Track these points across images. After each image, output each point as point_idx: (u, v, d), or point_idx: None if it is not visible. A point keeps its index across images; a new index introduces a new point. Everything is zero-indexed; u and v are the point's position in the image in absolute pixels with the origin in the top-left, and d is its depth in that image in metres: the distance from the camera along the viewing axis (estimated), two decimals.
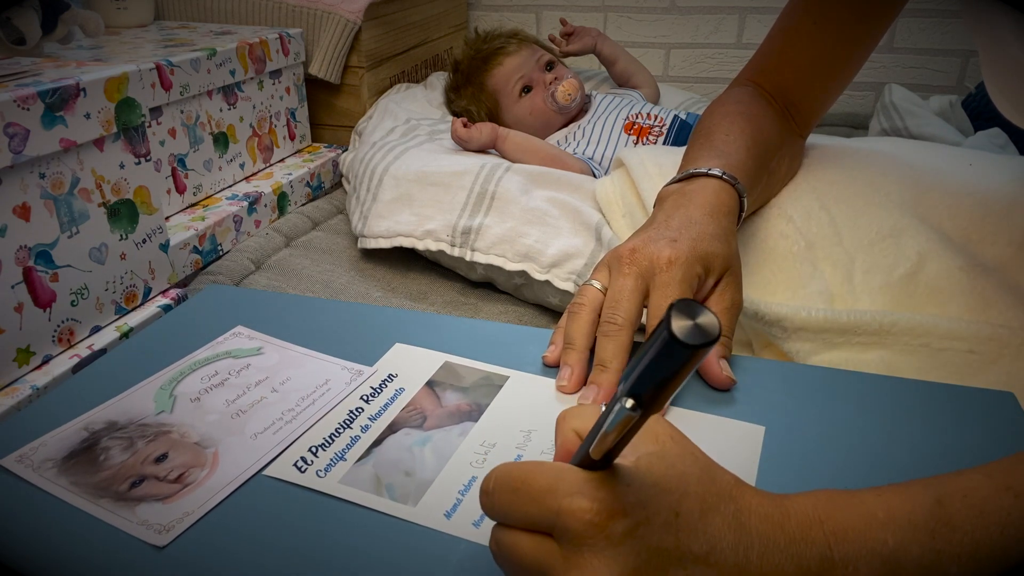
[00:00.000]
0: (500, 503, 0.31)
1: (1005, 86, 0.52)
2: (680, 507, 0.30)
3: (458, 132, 1.03)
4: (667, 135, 1.07)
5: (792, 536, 0.31)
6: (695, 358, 0.24)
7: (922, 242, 0.62)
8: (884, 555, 0.30)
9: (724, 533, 0.30)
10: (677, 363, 0.24)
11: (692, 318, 0.23)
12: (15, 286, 0.64)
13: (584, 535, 0.29)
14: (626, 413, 0.27)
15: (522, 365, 0.52)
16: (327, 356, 0.53)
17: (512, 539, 0.31)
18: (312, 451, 0.44)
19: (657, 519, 0.29)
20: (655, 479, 0.30)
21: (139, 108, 0.74)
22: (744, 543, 0.30)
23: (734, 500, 0.31)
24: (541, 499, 0.30)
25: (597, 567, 0.28)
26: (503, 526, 0.32)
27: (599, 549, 0.29)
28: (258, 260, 0.95)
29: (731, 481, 0.32)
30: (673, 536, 0.29)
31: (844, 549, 0.30)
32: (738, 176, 0.59)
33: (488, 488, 0.32)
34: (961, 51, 1.50)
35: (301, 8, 1.22)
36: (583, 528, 0.29)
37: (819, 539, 0.31)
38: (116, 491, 0.41)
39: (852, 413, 0.46)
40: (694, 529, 0.29)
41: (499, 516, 0.32)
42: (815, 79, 0.70)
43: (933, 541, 0.31)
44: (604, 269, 0.53)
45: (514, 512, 0.31)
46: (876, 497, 0.32)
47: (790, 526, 0.31)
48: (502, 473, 0.32)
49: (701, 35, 1.61)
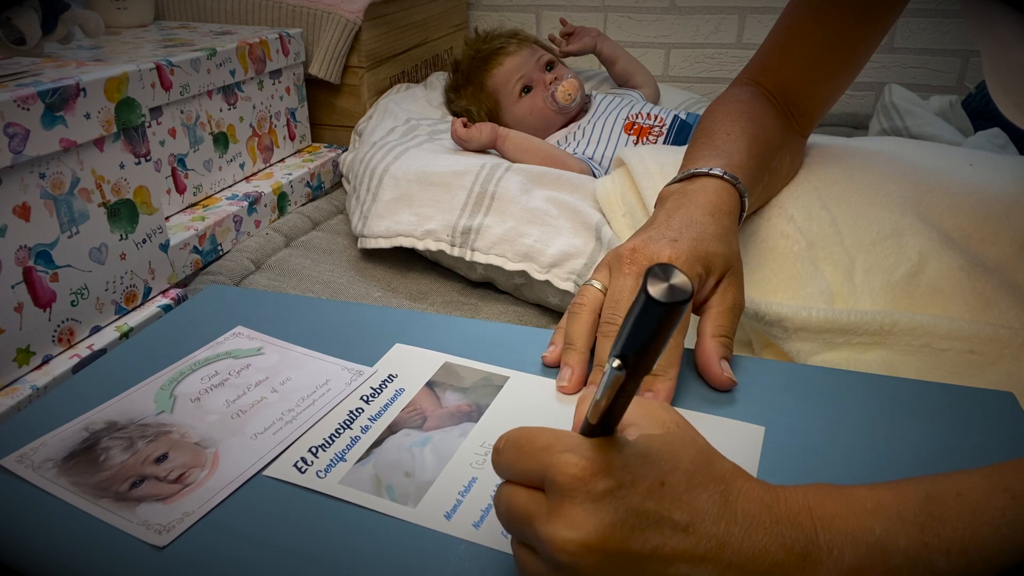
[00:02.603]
0: (505, 459, 0.33)
1: (1007, 86, 0.52)
2: (667, 478, 0.31)
3: (458, 132, 1.03)
4: (667, 135, 1.07)
5: (779, 517, 0.31)
6: (672, 317, 0.26)
7: (923, 242, 0.62)
8: (870, 542, 0.31)
9: (708, 507, 0.31)
10: (655, 322, 0.26)
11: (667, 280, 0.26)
12: (15, 286, 0.64)
13: (567, 487, 0.30)
14: (614, 374, 0.28)
15: (522, 365, 0.52)
16: (327, 356, 0.53)
17: (509, 492, 0.33)
18: (312, 451, 0.44)
19: (641, 484, 0.30)
20: (648, 451, 0.31)
21: (139, 108, 0.74)
22: (727, 518, 0.31)
23: (725, 482, 0.32)
24: (538, 455, 0.32)
25: (574, 518, 0.30)
26: (507, 482, 0.34)
27: (579, 502, 0.30)
28: (258, 260, 0.95)
29: (728, 468, 0.33)
30: (655, 502, 0.30)
31: (830, 534, 0.31)
32: (739, 176, 0.59)
33: (499, 447, 0.34)
34: (961, 51, 1.50)
35: (301, 8, 1.22)
36: (567, 481, 0.30)
37: (806, 523, 0.31)
38: (116, 491, 0.41)
39: (852, 413, 0.46)
40: (678, 499, 0.31)
41: (504, 472, 0.34)
42: (816, 78, 0.70)
43: (921, 534, 0.31)
44: (604, 269, 0.53)
45: (515, 467, 0.33)
46: (868, 491, 0.33)
47: (778, 509, 0.32)
48: (513, 434, 0.34)
49: (701, 35, 1.61)
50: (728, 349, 0.51)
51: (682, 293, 0.25)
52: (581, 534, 0.30)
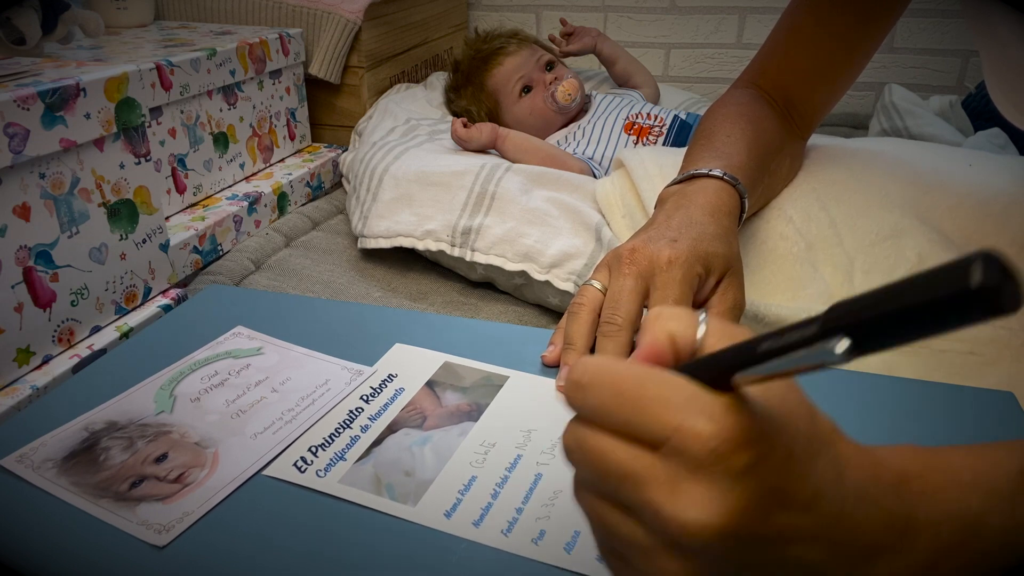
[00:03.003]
0: (597, 401, 0.28)
1: (1006, 86, 0.52)
2: (793, 447, 0.27)
3: (458, 132, 1.03)
4: (667, 135, 1.07)
5: (885, 491, 0.29)
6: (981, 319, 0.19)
7: (922, 243, 0.62)
8: (967, 520, 0.30)
9: (826, 481, 0.28)
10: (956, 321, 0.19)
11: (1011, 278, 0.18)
12: (15, 286, 0.64)
13: (704, 461, 0.25)
14: (834, 357, 0.22)
15: (522, 365, 0.52)
16: (327, 356, 0.53)
17: (603, 443, 0.28)
18: (312, 451, 0.44)
19: (774, 457, 0.26)
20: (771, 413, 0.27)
21: (139, 108, 0.74)
22: (842, 494, 0.28)
23: (834, 445, 0.29)
24: (655, 409, 0.27)
25: (707, 498, 0.25)
26: (591, 425, 0.28)
27: (716, 479, 0.26)
28: (258, 260, 0.95)
29: (829, 425, 0.29)
30: (785, 478, 0.27)
31: (929, 509, 0.29)
32: (739, 177, 0.59)
33: (583, 380, 0.28)
34: (961, 51, 1.50)
35: (301, 8, 1.22)
36: (705, 454, 0.25)
37: (907, 497, 0.29)
38: (116, 491, 0.41)
39: (853, 413, 0.46)
40: (804, 474, 0.27)
41: (591, 413, 0.28)
42: (816, 80, 0.70)
43: (1014, 511, 0.30)
44: (604, 269, 0.53)
45: (614, 415, 0.27)
46: (963, 459, 0.32)
47: (883, 481, 0.29)
48: (602, 369, 0.28)
49: (701, 35, 1.61)
50: None
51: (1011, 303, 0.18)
52: (716, 518, 0.25)
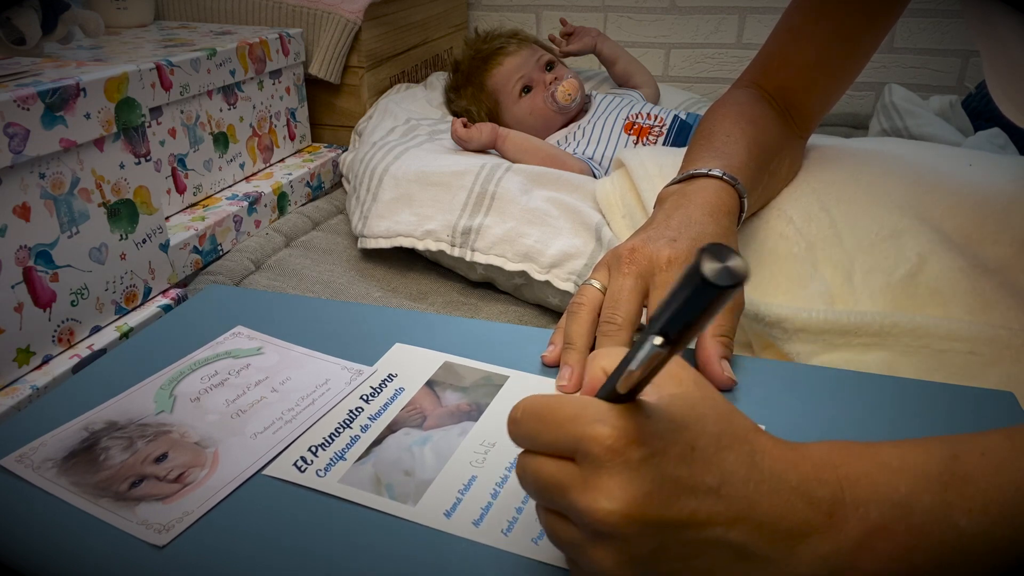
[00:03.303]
0: (527, 430, 0.33)
1: (1007, 86, 0.52)
2: (696, 442, 0.31)
3: (458, 132, 1.03)
4: (667, 135, 1.07)
5: (805, 476, 0.31)
6: (722, 299, 0.25)
7: (923, 243, 0.62)
8: (895, 500, 0.31)
9: (737, 469, 0.31)
10: (705, 303, 0.26)
11: (722, 261, 0.25)
12: (15, 286, 0.64)
13: (603, 458, 0.30)
14: (655, 350, 0.28)
15: (522, 365, 0.52)
16: (327, 356, 0.53)
17: (536, 463, 0.33)
18: (312, 451, 0.44)
19: (673, 450, 0.30)
20: (674, 415, 0.31)
21: (139, 108, 0.74)
22: (755, 479, 0.31)
23: (749, 442, 0.32)
24: (565, 425, 0.31)
25: (612, 488, 0.30)
26: (529, 452, 0.34)
27: (616, 472, 0.30)
28: (258, 260, 0.95)
29: (749, 426, 0.33)
30: (687, 467, 0.30)
31: (856, 492, 0.31)
32: (738, 177, 0.59)
33: (516, 416, 0.34)
34: (961, 51, 1.50)
35: (301, 8, 1.22)
36: (603, 452, 0.30)
37: (831, 481, 0.31)
38: (116, 491, 0.41)
39: (852, 413, 0.46)
40: (708, 463, 0.31)
41: (525, 442, 0.34)
42: (816, 80, 0.70)
43: (945, 492, 0.31)
44: (604, 269, 0.53)
45: (540, 438, 0.33)
46: (893, 448, 0.33)
47: (804, 467, 0.32)
48: (530, 403, 0.33)
49: (701, 35, 1.61)
50: (728, 349, 0.51)
51: (737, 276, 0.24)
52: (620, 504, 0.30)
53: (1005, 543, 0.31)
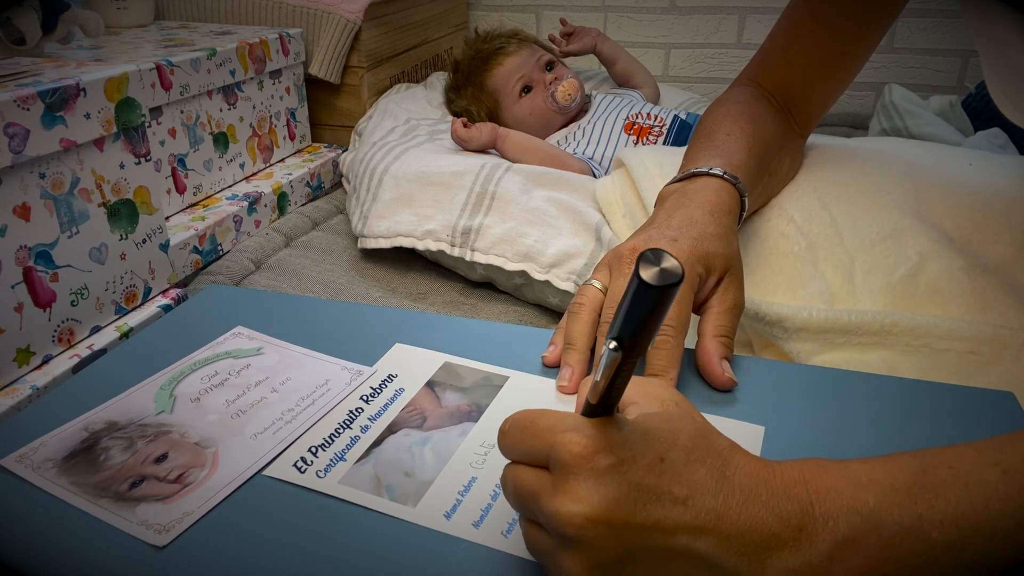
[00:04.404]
0: (511, 441, 0.35)
1: (1006, 86, 0.52)
2: (666, 454, 0.32)
3: (458, 132, 1.03)
4: (667, 135, 1.07)
5: (775, 491, 0.32)
6: (664, 299, 0.27)
7: (923, 243, 0.62)
8: (864, 513, 0.31)
9: (706, 481, 0.32)
10: (648, 305, 0.27)
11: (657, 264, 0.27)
12: (15, 286, 0.64)
13: (571, 464, 0.31)
14: (611, 355, 0.30)
15: (522, 365, 0.52)
16: (327, 356, 0.53)
17: (516, 471, 0.34)
18: (312, 451, 0.44)
19: (642, 460, 0.32)
20: (647, 428, 0.33)
21: (139, 108, 0.74)
22: (725, 492, 0.32)
23: (722, 457, 0.33)
24: (542, 434, 0.33)
25: (580, 493, 0.31)
26: (512, 462, 0.35)
27: (583, 478, 0.31)
28: (258, 260, 0.95)
29: (725, 444, 0.34)
30: (655, 476, 0.31)
31: (825, 506, 0.32)
32: (739, 176, 0.59)
33: (504, 429, 0.35)
34: (961, 51, 1.50)
35: (301, 8, 1.22)
36: (571, 459, 0.31)
37: (802, 496, 0.32)
38: (116, 491, 0.41)
39: (852, 413, 0.46)
40: (677, 474, 0.32)
41: (509, 452, 0.35)
42: (815, 78, 0.70)
43: (915, 505, 0.32)
44: (604, 268, 0.53)
45: (520, 447, 0.34)
46: (861, 464, 0.34)
47: (774, 483, 0.32)
48: (517, 416, 0.35)
49: (701, 35, 1.61)
50: (729, 349, 0.51)
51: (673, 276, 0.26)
52: (586, 508, 0.31)
53: (977, 556, 0.31)
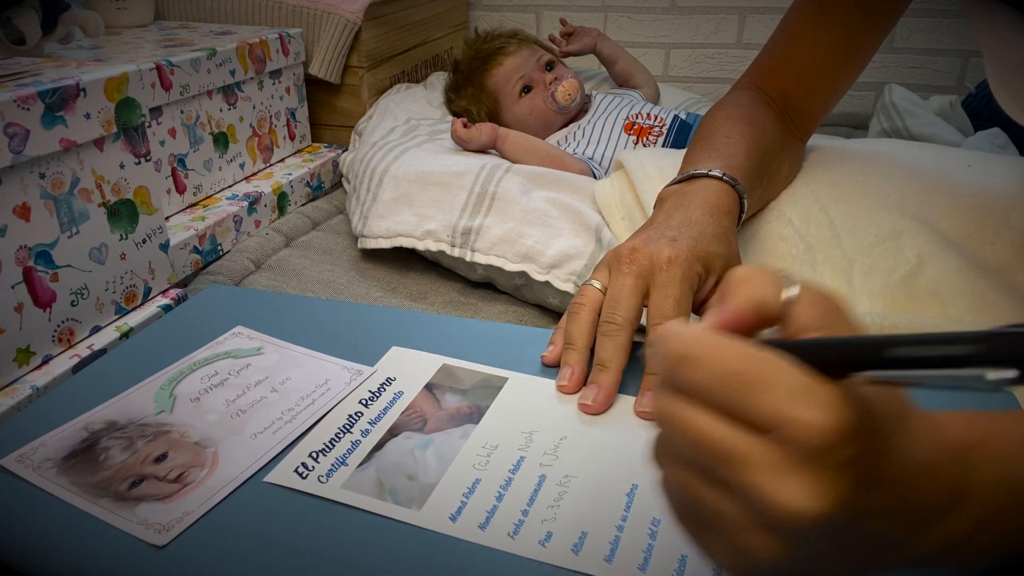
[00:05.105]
0: (702, 378, 0.27)
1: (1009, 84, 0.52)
2: (882, 429, 0.27)
3: (458, 132, 1.03)
4: (667, 135, 1.07)
5: (949, 459, 0.30)
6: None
7: (922, 244, 0.62)
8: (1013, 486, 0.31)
9: (904, 457, 0.28)
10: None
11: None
12: (15, 286, 0.64)
13: (814, 452, 0.25)
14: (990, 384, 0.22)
15: (522, 366, 0.52)
16: (327, 356, 0.53)
17: (703, 421, 0.27)
18: (313, 456, 0.44)
19: (875, 447, 0.27)
20: (869, 398, 0.27)
21: (139, 108, 0.74)
22: (912, 466, 0.28)
23: (907, 419, 0.29)
24: (762, 395, 0.26)
25: (815, 488, 0.26)
26: (690, 399, 0.28)
27: (823, 470, 0.26)
28: (258, 260, 0.95)
29: (903, 399, 0.29)
30: (876, 462, 0.27)
31: (983, 476, 0.30)
32: (738, 178, 0.59)
33: (688, 354, 0.28)
34: (961, 51, 1.50)
35: (301, 8, 1.22)
36: (816, 445, 0.25)
37: (966, 465, 0.30)
38: (116, 491, 0.41)
39: None
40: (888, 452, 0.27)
41: (692, 389, 0.28)
42: (816, 81, 0.70)
43: None
44: (604, 269, 0.53)
45: (720, 396, 0.27)
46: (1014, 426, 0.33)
47: (947, 450, 0.30)
48: (708, 345, 0.27)
49: (701, 35, 1.61)
50: None
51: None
52: (819, 507, 0.25)
53: None
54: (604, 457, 0.43)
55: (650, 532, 0.38)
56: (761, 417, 0.26)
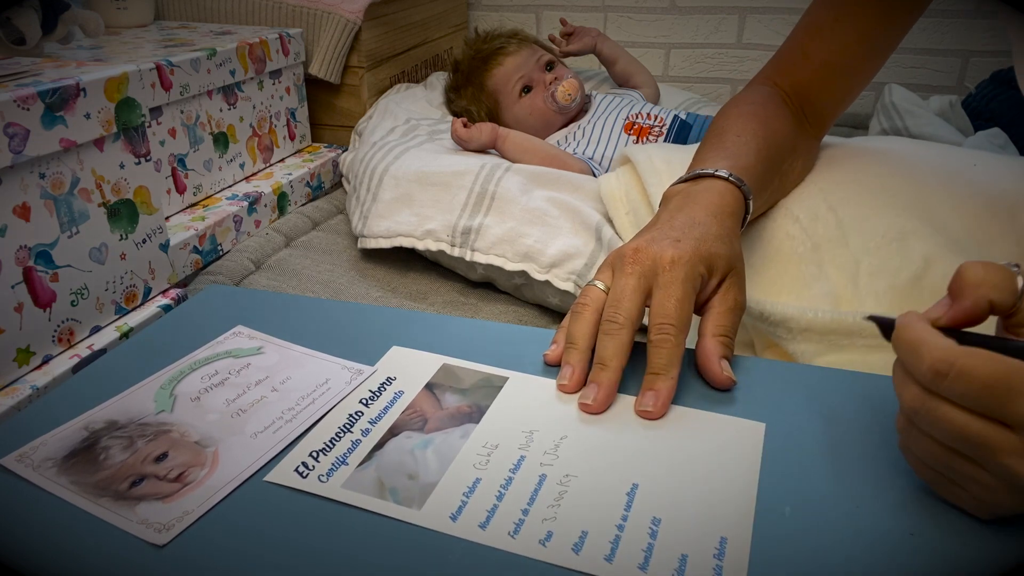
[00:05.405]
0: (961, 389, 0.34)
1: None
2: None
3: (458, 132, 1.03)
4: (667, 135, 1.07)
5: None
6: None
7: (929, 245, 0.61)
8: None
9: None
10: None
11: None
12: (15, 286, 0.64)
13: None
14: None
15: (522, 366, 0.52)
16: (327, 356, 0.53)
17: (960, 417, 0.35)
18: (313, 456, 0.44)
19: None
20: None
21: (139, 108, 0.74)
22: None
23: None
24: (1010, 404, 0.33)
25: None
26: (947, 401, 0.35)
27: None
28: (258, 260, 0.95)
29: None
30: None
31: None
32: (745, 178, 0.59)
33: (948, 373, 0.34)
34: (961, 51, 1.50)
35: (301, 8, 1.22)
36: None
37: None
38: (116, 490, 0.41)
39: (852, 412, 0.46)
40: None
41: (951, 396, 0.35)
42: (833, 78, 0.70)
43: None
44: (607, 269, 0.53)
45: (977, 402, 0.34)
46: None
47: None
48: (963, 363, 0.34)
49: (701, 35, 1.61)
50: (728, 348, 0.51)
51: None
52: None
53: None
54: (604, 457, 0.43)
55: (650, 532, 0.38)
56: (1013, 419, 0.33)
